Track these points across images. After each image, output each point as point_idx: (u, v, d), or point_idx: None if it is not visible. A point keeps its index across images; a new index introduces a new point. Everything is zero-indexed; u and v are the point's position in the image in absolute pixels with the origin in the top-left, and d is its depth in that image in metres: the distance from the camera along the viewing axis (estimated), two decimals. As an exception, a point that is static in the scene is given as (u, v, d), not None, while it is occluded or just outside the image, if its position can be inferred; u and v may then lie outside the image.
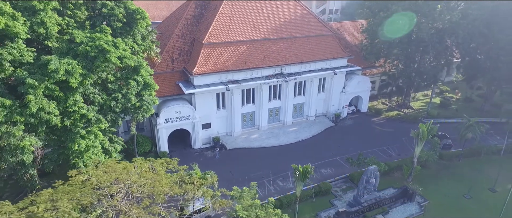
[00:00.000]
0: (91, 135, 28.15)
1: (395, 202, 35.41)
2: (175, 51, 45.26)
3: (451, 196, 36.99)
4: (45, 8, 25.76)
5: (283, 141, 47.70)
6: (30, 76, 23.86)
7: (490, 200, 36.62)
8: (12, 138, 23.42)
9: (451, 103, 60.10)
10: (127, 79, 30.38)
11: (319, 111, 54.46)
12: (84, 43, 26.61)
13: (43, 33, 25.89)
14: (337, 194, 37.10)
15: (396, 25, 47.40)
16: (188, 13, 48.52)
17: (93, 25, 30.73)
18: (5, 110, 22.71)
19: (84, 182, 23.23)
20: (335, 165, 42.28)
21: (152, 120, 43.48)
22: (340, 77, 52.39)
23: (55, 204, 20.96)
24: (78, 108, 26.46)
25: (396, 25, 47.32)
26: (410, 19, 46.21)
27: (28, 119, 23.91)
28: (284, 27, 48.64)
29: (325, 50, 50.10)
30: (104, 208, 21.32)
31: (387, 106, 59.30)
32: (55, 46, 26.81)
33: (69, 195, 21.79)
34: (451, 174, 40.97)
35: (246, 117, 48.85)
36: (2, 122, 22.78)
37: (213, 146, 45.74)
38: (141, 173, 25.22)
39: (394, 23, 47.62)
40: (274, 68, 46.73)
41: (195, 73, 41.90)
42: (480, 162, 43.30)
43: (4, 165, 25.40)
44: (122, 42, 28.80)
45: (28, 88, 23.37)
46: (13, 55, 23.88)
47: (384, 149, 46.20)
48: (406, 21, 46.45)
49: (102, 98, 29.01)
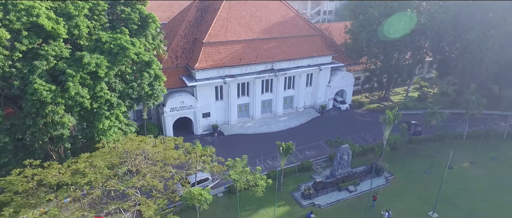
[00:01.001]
0: (113, 116, 35.27)
1: (365, 176, 42.41)
2: (179, 49, 52.38)
3: (414, 172, 44.01)
4: (79, 14, 32.87)
5: (274, 128, 54.78)
6: (69, 67, 30.97)
7: (447, 175, 43.52)
8: (56, 115, 30.50)
9: (428, 97, 67.10)
10: (141, 72, 37.49)
11: (307, 103, 61.52)
12: (108, 42, 33.68)
13: (76, 34, 32.98)
14: (317, 170, 44.16)
15: (373, 26, 54.53)
16: (190, 16, 55.65)
17: (113, 27, 37.83)
18: (51, 93, 29.75)
19: (111, 149, 30.37)
20: (318, 148, 49.36)
21: (159, 110, 50.62)
22: (325, 72, 59.48)
23: (92, 163, 28.09)
24: (103, 94, 33.48)
25: (373, 27, 54.45)
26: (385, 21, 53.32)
27: (67, 101, 30.98)
28: (275, 28, 55.73)
29: (311, 49, 57.17)
30: (129, 167, 28.43)
31: (369, 99, 66.42)
32: (86, 44, 33.90)
33: (101, 157, 28.92)
34: (417, 155, 47.98)
35: (241, 107, 55.96)
36: (49, 102, 29.81)
37: (212, 132, 52.85)
38: (155, 145, 32.34)
39: (372, 24, 54.77)
40: (266, 64, 53.81)
41: (197, 68, 49.02)
42: (444, 145, 50.15)
43: (46, 138, 32.53)
44: (138, 41, 35.92)
45: (68, 77, 30.42)
46: (55, 51, 30.99)
47: (363, 135, 53.24)
48: (381, 23, 53.56)
49: (121, 86, 36.13)
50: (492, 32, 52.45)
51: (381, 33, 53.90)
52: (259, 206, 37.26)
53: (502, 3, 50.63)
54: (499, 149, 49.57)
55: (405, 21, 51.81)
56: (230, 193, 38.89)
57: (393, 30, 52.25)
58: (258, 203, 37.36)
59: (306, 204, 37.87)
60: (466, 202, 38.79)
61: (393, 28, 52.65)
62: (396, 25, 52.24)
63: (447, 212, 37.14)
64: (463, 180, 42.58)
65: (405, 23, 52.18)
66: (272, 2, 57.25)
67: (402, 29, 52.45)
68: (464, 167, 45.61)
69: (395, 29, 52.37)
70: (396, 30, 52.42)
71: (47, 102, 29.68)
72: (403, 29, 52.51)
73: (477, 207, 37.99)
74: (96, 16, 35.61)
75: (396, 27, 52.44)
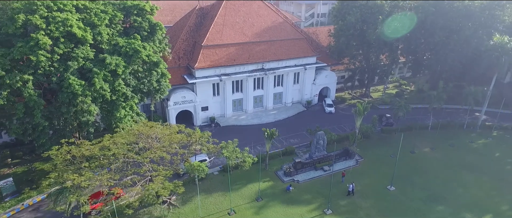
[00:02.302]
0: (128, 106, 43.76)
1: (339, 159, 50.74)
2: (181, 51, 60.88)
3: (381, 156, 52.33)
4: (101, 24, 41.33)
5: (264, 120, 63.21)
6: (94, 66, 39.45)
7: (407, 158, 51.82)
8: (84, 105, 38.94)
9: (404, 94, 75.47)
10: (150, 70, 45.93)
11: (295, 99, 69.96)
12: (124, 46, 42.14)
13: (99, 40, 41.41)
14: (299, 154, 52.51)
15: (351, 31, 63.00)
16: (190, 22, 64.19)
17: (127, 33, 46.21)
18: (81, 87, 38.16)
19: (128, 131, 38.83)
20: (301, 136, 57.78)
21: (163, 104, 59.08)
22: (310, 71, 67.93)
23: (114, 140, 36.56)
24: (121, 88, 41.86)
25: (351, 31, 62.92)
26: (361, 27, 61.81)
27: (93, 93, 39.41)
28: (265, 32, 64.21)
29: (298, 50, 65.62)
30: (144, 144, 36.90)
31: (351, 96, 74.86)
32: (106, 48, 42.29)
33: (121, 137, 37.40)
34: (387, 142, 56.25)
35: (236, 102, 64.42)
36: (79, 94, 38.18)
37: (210, 124, 61.32)
38: (162, 129, 40.81)
39: (350, 29, 63.22)
40: (257, 64, 62.26)
41: (196, 67, 57.49)
42: (412, 134, 58.38)
43: (75, 123, 41.00)
44: (148, 45, 44.38)
45: (94, 74, 38.88)
46: (83, 53, 39.43)
47: (342, 126, 61.64)
48: (358, 28, 62.04)
49: (134, 82, 44.60)
50: (454, 37, 60.73)
51: (358, 37, 62.33)
52: (247, 181, 45.68)
53: (458, 11, 59.02)
54: (458, 137, 57.90)
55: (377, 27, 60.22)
56: (224, 171, 47.27)
57: (368, 34, 60.64)
58: (247, 179, 45.84)
59: (287, 180, 46.27)
60: (420, 178, 47.12)
61: (368, 32, 61.07)
62: (371, 30, 60.67)
63: (404, 185, 45.48)
64: (422, 162, 50.95)
65: (379, 29, 60.62)
66: (263, 10, 65.78)
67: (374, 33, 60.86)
68: (425, 151, 53.98)
69: (369, 34, 60.78)
70: (370, 34, 60.83)
71: (78, 94, 38.12)
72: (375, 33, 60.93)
73: (429, 182, 46.31)
74: (113, 25, 44.03)
75: (371, 32, 60.87)
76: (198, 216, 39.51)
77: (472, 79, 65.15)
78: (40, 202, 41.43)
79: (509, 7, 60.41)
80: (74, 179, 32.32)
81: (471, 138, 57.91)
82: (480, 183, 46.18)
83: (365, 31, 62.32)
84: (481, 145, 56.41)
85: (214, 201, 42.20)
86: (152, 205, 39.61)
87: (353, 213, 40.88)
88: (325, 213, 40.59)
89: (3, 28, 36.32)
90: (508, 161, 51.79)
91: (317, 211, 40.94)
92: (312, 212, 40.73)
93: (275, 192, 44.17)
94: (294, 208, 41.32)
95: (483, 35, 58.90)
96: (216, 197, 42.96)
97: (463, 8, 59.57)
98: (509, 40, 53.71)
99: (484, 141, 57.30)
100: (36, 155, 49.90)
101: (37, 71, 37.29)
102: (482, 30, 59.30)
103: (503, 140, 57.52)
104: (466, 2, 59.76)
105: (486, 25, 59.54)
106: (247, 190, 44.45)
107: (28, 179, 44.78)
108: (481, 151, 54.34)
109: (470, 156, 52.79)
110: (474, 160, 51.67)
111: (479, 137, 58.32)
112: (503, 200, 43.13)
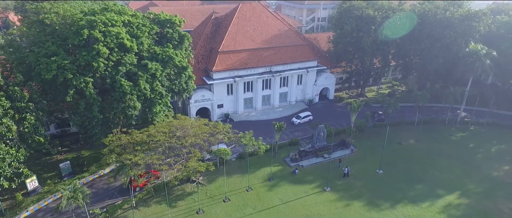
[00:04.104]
0: (162, 103, 54.03)
1: (336, 148, 61.03)
2: (199, 56, 71.18)
3: (372, 146, 62.66)
4: (142, 35, 51.56)
5: (271, 117, 73.53)
6: (139, 71, 49.66)
7: (395, 148, 62.20)
8: (131, 101, 49.16)
9: (396, 94, 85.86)
10: (180, 73, 56.21)
11: (298, 98, 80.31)
12: (160, 53, 52.38)
13: (141, 48, 51.60)
14: (303, 144, 62.82)
15: (347, 38, 73.46)
16: (207, 30, 74.51)
17: (160, 43, 56.26)
18: (129, 88, 48.35)
19: (168, 123, 49.16)
20: (304, 130, 68.17)
21: (185, 102, 69.31)
22: (312, 74, 78.32)
23: (157, 130, 46.86)
24: (158, 88, 52.12)
25: (348, 39, 73.39)
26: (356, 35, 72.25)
27: (137, 92, 49.66)
28: (273, 39, 74.54)
29: (301, 55, 75.99)
30: (181, 133, 47.20)
31: (348, 95, 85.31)
32: (146, 55, 52.47)
33: (162, 127, 47.69)
34: (378, 135, 66.48)
35: (247, 101, 74.73)
36: (128, 93, 48.37)
37: (224, 119, 71.59)
38: (193, 121, 51.13)
39: (347, 37, 73.66)
40: (266, 67, 72.57)
41: (214, 70, 67.77)
42: (400, 129, 68.83)
43: (122, 117, 51.25)
44: (178, 52, 54.67)
45: (139, 77, 49.12)
46: (130, 60, 49.65)
47: (339, 121, 71.99)
48: (354, 35, 72.48)
49: (168, 83, 54.87)
50: (438, 44, 71.14)
51: (354, 43, 72.76)
52: (260, 166, 55.97)
53: (441, 22, 69.50)
54: (439, 131, 68.38)
55: (370, 35, 70.69)
56: (241, 158, 57.51)
57: (363, 41, 71.12)
58: (260, 164, 56.13)
59: (293, 165, 56.60)
60: (404, 164, 57.49)
61: (363, 39, 71.55)
62: (365, 37, 71.13)
63: (390, 170, 55.83)
64: (407, 151, 61.39)
65: (372, 37, 71.08)
66: (270, 19, 76.19)
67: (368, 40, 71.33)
68: (410, 143, 64.45)
69: (364, 41, 71.26)
70: (365, 41, 71.31)
71: (127, 93, 48.38)
72: (369, 40, 71.39)
73: (411, 167, 56.67)
74: (151, 36, 54.24)
75: (365, 40, 71.34)
76: (223, 192, 49.78)
77: (455, 80, 75.50)
78: (92, 181, 51.66)
79: (484, 19, 70.94)
80: (131, 158, 42.59)
81: (450, 132, 68.37)
82: (453, 168, 56.57)
83: (360, 38, 72.67)
84: (458, 138, 66.91)
85: (234, 181, 52.50)
86: (185, 183, 50.04)
87: (348, 191, 51.20)
88: (325, 190, 50.91)
89: (70, 40, 46.52)
90: (479, 150, 62.27)
91: (318, 189, 51.29)
92: (314, 189, 51.09)
93: (284, 174, 54.53)
94: (299, 186, 51.65)
95: (462, 43, 69.34)
96: (235, 178, 53.26)
97: (445, 19, 69.97)
98: (481, 48, 64.21)
99: (462, 134, 67.83)
100: (80, 144, 60.23)
101: (95, 75, 47.52)
102: (461, 38, 69.72)
103: (477, 134, 68.03)
104: (447, 14, 70.18)
105: (464, 34, 69.98)
106: (261, 172, 54.75)
107: (78, 163, 55.09)
108: (458, 143, 64.83)
109: (448, 147, 63.24)
110: (451, 150, 62.10)
111: (457, 131, 68.82)
112: (470, 181, 53.55)
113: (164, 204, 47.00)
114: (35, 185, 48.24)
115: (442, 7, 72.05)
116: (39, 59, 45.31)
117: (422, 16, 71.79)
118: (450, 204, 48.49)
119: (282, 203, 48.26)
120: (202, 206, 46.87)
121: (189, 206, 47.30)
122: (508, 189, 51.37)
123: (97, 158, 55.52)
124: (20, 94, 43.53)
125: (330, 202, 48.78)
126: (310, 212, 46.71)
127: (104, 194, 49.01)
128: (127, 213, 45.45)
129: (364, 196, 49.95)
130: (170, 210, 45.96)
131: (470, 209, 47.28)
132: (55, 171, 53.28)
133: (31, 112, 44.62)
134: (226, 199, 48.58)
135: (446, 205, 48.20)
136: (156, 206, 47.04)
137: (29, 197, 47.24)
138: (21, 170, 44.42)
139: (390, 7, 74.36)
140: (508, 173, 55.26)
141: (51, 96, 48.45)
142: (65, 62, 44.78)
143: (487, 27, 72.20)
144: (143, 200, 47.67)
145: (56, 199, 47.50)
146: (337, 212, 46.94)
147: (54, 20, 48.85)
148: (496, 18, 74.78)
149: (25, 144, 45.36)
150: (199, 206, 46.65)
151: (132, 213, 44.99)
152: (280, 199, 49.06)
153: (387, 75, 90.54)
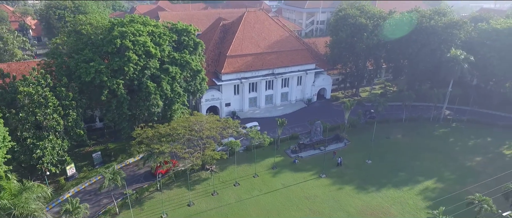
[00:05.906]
0: (180, 102, 63.25)
1: (331, 142, 70.27)
2: (209, 60, 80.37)
3: (363, 140, 71.86)
4: (164, 43, 60.73)
5: (274, 114, 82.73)
6: (161, 74, 58.81)
7: (383, 142, 71.45)
8: (155, 100, 58.33)
9: (388, 93, 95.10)
10: (195, 76, 65.41)
11: (298, 98, 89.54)
12: (178, 59, 61.57)
13: (162, 54, 60.71)
14: (302, 138, 72.01)
15: (342, 44, 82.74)
16: (216, 36, 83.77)
17: (177, 49, 65.34)
18: (154, 88, 57.50)
19: (187, 118, 58.43)
20: (303, 126, 77.44)
21: (197, 101, 78.48)
22: (310, 75, 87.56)
23: (178, 124, 56.13)
24: (177, 88, 61.30)
25: (343, 44, 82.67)
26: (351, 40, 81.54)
27: (160, 92, 58.84)
28: (275, 44, 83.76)
29: (300, 59, 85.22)
30: (197, 127, 56.42)
31: (344, 95, 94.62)
32: (167, 60, 61.57)
33: (182, 122, 56.97)
34: (369, 131, 75.41)
35: (252, 100, 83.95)
36: (152, 93, 57.52)
37: (231, 116, 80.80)
38: (208, 117, 60.39)
39: (342, 43, 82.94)
40: (269, 70, 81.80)
41: (222, 72, 76.99)
42: (389, 125, 78.09)
43: (146, 113, 60.46)
44: (194, 57, 63.87)
45: (162, 79, 58.29)
46: (153, 64, 58.79)
47: (334, 119, 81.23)
48: (348, 41, 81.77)
49: (185, 84, 64.08)
50: (424, 49, 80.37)
51: (349, 48, 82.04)
52: (265, 156, 65.21)
53: (426, 29, 78.79)
54: (424, 127, 77.69)
55: (362, 41, 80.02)
56: (247, 151, 66.70)
57: (356, 46, 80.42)
58: (264, 155, 65.35)
59: (293, 156, 65.85)
60: (391, 155, 66.79)
61: (357, 45, 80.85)
62: (358, 43, 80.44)
63: (378, 160, 65.10)
64: (394, 145, 70.70)
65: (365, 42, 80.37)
66: (273, 26, 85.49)
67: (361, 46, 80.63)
68: (397, 137, 73.75)
69: (357, 46, 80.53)
70: (358, 46, 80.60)
71: (151, 93, 57.58)
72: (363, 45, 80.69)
73: (396, 158, 65.97)
74: (170, 43, 63.38)
75: (359, 45, 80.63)
76: (233, 178, 59.00)
77: (440, 82, 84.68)
78: (119, 169, 60.82)
79: (464, 27, 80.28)
80: (158, 148, 51.84)
81: (434, 128, 77.69)
82: (433, 159, 65.84)
83: (354, 43, 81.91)
84: (441, 133, 76.23)
85: (242, 169, 61.76)
86: (200, 171, 59.33)
87: (340, 177, 60.46)
88: (321, 177, 60.18)
89: (104, 48, 55.66)
90: (458, 144, 71.60)
91: (315, 176, 60.57)
92: (311, 176, 60.39)
93: (285, 163, 63.83)
94: (299, 174, 60.95)
95: (444, 49, 78.61)
96: (243, 167, 62.51)
97: (430, 27, 79.22)
98: (461, 53, 73.52)
99: (444, 130, 77.17)
100: (106, 138, 69.44)
101: (125, 77, 56.67)
102: (444, 44, 79.01)
103: (458, 130, 77.35)
104: (432, 22, 79.45)
105: (447, 41, 79.27)
106: (265, 162, 64.01)
107: (106, 154, 64.28)
108: (440, 137, 74.13)
109: (431, 141, 72.52)
110: (433, 144, 71.38)
111: (440, 127, 78.16)
112: (447, 169, 62.84)
113: (183, 188, 56.30)
114: (73, 171, 57.47)
115: (427, 16, 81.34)
116: (79, 64, 54.45)
117: (410, 24, 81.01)
118: (427, 188, 57.81)
119: (284, 187, 57.54)
120: (216, 189, 56.16)
121: (205, 189, 56.58)
122: (478, 176, 60.63)
123: (122, 150, 64.82)
124: (66, 94, 52.67)
125: (325, 186, 58.07)
126: (308, 194, 55.99)
127: (131, 180, 58.21)
128: (153, 194, 54.75)
129: (354, 182, 59.26)
130: (189, 192, 55.20)
131: (443, 192, 56.50)
132: (87, 160, 62.52)
133: (74, 109, 53.72)
134: (236, 184, 57.86)
135: (424, 189, 57.52)
136: (177, 189, 56.32)
137: (69, 182, 56.45)
138: (64, 158, 53.67)
139: (381, 16, 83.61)
140: (479, 163, 64.64)
141: (87, 95, 57.56)
142: (101, 67, 53.98)
143: (468, 34, 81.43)
144: (165, 184, 56.92)
145: (91, 183, 56.74)
146: (330, 194, 56.20)
147: (89, 30, 58.05)
148: (477, 26, 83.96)
149: (68, 136, 54.50)
150: (214, 188, 55.94)
151: (159, 195, 54.26)
152: (282, 184, 58.34)
153: (380, 76, 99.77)
